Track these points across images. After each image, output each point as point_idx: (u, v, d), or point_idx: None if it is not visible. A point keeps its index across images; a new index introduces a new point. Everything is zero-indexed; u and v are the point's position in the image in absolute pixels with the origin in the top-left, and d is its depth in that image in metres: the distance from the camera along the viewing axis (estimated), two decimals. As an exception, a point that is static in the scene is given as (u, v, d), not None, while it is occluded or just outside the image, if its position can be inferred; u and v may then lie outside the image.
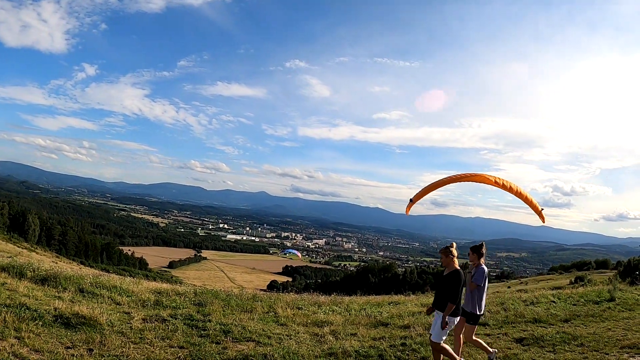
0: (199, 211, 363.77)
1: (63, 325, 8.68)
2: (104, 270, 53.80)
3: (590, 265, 79.37)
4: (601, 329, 11.35)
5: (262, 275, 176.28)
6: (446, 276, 7.99)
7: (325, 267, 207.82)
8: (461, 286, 7.80)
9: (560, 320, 12.63)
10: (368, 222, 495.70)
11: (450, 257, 8.00)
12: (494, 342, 10.23)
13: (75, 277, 12.68)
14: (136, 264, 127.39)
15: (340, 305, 14.38)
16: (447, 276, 7.97)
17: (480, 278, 8.42)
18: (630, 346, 9.59)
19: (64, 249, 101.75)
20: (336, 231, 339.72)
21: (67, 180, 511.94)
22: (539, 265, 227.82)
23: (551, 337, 10.42)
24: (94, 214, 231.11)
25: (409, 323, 11.88)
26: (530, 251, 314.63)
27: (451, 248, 8.08)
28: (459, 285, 7.74)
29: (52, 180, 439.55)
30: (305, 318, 11.95)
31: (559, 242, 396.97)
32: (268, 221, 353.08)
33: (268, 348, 8.86)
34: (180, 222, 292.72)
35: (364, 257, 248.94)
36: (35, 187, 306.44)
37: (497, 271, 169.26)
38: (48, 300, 10.06)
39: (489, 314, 13.19)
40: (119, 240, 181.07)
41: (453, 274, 7.88)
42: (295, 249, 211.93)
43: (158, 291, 13.19)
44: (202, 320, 10.11)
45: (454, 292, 7.68)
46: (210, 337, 9.22)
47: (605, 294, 16.54)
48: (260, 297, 14.41)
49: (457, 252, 8.07)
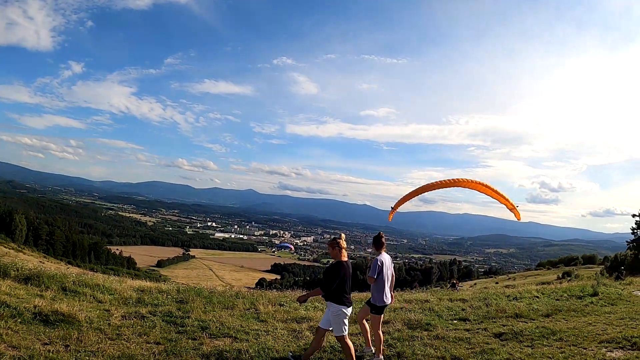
0: (187, 209, 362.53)
1: (42, 323, 8.77)
2: (91, 269, 53.47)
3: (577, 261, 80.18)
4: (582, 324, 11.47)
5: (250, 273, 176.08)
6: (327, 266, 8.28)
7: (313, 264, 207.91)
8: (340, 277, 7.92)
9: (542, 315, 12.71)
10: (356, 219, 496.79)
11: (336, 249, 8.14)
12: (473, 337, 10.27)
13: (58, 276, 12.68)
14: (124, 264, 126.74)
15: (322, 302, 14.45)
16: (328, 266, 8.28)
17: (373, 271, 8.61)
18: (609, 340, 9.67)
19: (52, 249, 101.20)
20: (324, 228, 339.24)
21: (54, 179, 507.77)
22: (527, 261, 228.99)
23: (530, 332, 10.50)
24: (82, 213, 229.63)
25: (389, 318, 11.82)
26: (518, 247, 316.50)
27: (339, 240, 8.19)
28: (334, 276, 7.91)
29: (39, 180, 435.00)
30: (286, 314, 11.94)
31: (547, 238, 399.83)
32: (256, 219, 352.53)
33: (244, 344, 8.93)
34: (168, 221, 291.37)
35: (352, 254, 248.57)
36: (22, 186, 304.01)
37: (485, 267, 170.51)
38: (29, 298, 10.11)
39: (470, 310, 13.28)
40: (106, 240, 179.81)
41: (333, 264, 8.11)
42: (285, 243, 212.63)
43: (141, 289, 13.22)
44: (182, 317, 10.21)
45: (327, 281, 7.89)
46: (187, 334, 9.31)
47: (588, 288, 16.71)
48: (243, 294, 14.47)
49: (345, 244, 8.22)
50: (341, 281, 7.94)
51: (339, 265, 8.02)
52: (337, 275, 7.93)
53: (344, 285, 7.98)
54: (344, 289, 8.00)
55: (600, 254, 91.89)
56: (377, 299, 8.69)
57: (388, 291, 8.85)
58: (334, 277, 7.92)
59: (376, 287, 8.68)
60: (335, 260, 8.12)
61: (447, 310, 13.27)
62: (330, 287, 7.90)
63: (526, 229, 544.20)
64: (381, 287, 8.67)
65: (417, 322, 11.42)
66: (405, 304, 14.36)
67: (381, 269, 8.71)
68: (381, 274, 8.69)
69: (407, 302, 14.69)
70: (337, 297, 7.93)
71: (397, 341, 9.69)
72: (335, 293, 7.94)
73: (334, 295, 7.94)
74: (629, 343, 9.42)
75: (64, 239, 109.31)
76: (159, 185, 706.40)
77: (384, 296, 8.74)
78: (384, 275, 8.72)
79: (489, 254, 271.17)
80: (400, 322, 11.51)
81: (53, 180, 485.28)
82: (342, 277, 7.95)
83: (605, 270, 43.89)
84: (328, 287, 7.89)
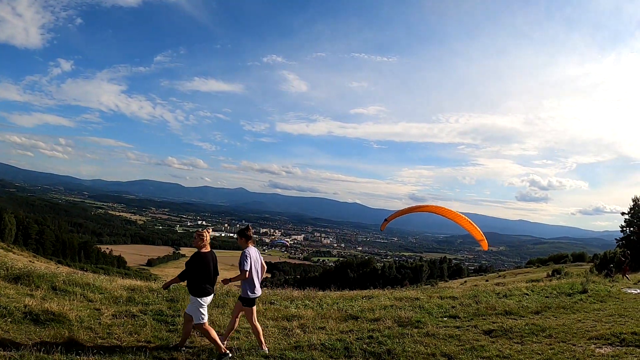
0: (177, 208, 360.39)
1: (32, 322, 8.78)
2: (82, 269, 53.25)
3: (567, 259, 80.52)
4: (571, 321, 11.60)
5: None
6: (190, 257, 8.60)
7: (304, 262, 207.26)
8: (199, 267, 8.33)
9: (531, 312, 12.85)
10: (346, 217, 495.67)
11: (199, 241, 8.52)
12: (463, 334, 10.35)
13: (48, 275, 12.70)
14: (114, 263, 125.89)
15: (313, 300, 14.36)
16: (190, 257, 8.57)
17: (245, 264, 8.71)
18: (598, 337, 9.82)
19: (41, 248, 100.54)
20: (315, 227, 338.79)
21: (44, 178, 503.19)
22: (517, 259, 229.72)
23: (520, 329, 10.60)
24: (71, 212, 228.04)
25: (380, 316, 11.94)
26: (509, 245, 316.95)
27: (204, 232, 8.62)
28: (192, 266, 8.34)
29: (28, 179, 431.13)
30: (276, 312, 12.03)
31: (537, 236, 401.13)
32: (246, 217, 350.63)
33: (235, 342, 9.02)
34: (159, 220, 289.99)
35: (342, 252, 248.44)
36: (10, 185, 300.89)
37: (475, 265, 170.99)
38: (19, 298, 10.10)
39: (461, 307, 13.39)
40: (96, 239, 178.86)
41: (193, 255, 8.51)
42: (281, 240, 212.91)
43: (132, 288, 13.20)
44: (172, 316, 10.23)
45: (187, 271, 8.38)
46: (178, 332, 9.31)
47: (578, 286, 16.88)
48: (234, 292, 14.48)
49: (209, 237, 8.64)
50: (201, 271, 8.35)
51: (197, 255, 8.41)
52: (196, 266, 8.33)
53: (204, 274, 8.39)
54: (205, 279, 8.39)
55: (590, 252, 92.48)
56: (248, 292, 8.80)
57: (258, 283, 9.00)
58: (192, 267, 8.35)
59: (246, 280, 8.78)
60: (196, 251, 8.50)
61: (438, 307, 13.37)
62: (189, 276, 8.38)
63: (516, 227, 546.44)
64: (251, 280, 8.79)
65: (407, 319, 11.49)
66: (396, 301, 14.44)
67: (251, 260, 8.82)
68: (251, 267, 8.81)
69: (397, 299, 14.78)
70: (196, 286, 8.32)
71: (388, 338, 9.72)
72: (195, 282, 8.34)
73: (193, 285, 8.33)
74: (617, 339, 9.53)
75: (53, 238, 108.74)
76: (148, 183, 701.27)
77: (255, 288, 8.88)
78: (254, 268, 8.88)
79: (479, 252, 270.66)
80: (390, 319, 11.56)
81: (42, 179, 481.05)
82: (202, 267, 8.36)
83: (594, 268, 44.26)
84: (187, 277, 8.38)
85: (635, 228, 47.87)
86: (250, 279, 8.78)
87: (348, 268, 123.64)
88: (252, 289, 8.82)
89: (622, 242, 49.01)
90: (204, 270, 8.38)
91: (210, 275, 8.49)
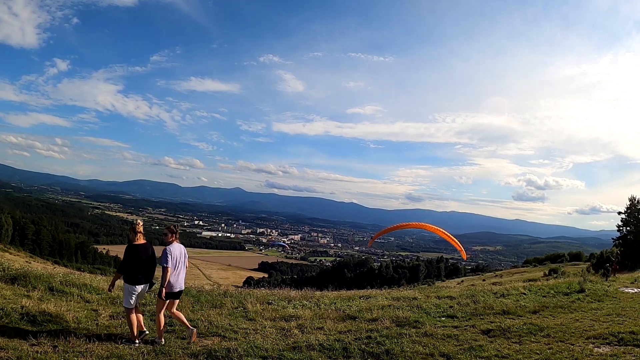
0: (174, 208, 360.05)
1: (29, 323, 8.79)
2: (78, 269, 53.21)
3: (564, 258, 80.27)
4: (569, 320, 11.58)
5: (238, 271, 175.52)
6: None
7: (301, 262, 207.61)
8: (130, 258, 8.99)
9: (529, 311, 12.82)
10: (343, 217, 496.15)
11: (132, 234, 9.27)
12: (461, 334, 10.31)
13: (45, 276, 12.68)
14: (111, 263, 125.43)
15: (311, 300, 14.32)
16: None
17: (166, 260, 9.08)
18: (596, 336, 9.79)
19: (38, 248, 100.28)
20: (312, 226, 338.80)
21: (40, 178, 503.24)
22: (513, 259, 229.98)
23: (518, 329, 10.58)
24: (68, 212, 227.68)
25: (377, 316, 11.89)
26: (505, 244, 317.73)
27: (136, 226, 9.32)
28: (127, 257, 9.03)
29: (24, 179, 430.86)
30: (274, 313, 11.99)
31: (533, 236, 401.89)
32: (243, 217, 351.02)
33: (233, 342, 8.96)
34: (155, 220, 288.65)
35: (339, 252, 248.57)
36: (7, 185, 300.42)
37: (472, 265, 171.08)
38: (16, 298, 10.09)
39: (458, 307, 13.38)
40: (93, 239, 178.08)
41: (126, 247, 9.21)
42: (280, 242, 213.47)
43: (129, 289, 13.22)
44: (169, 316, 10.22)
45: (122, 262, 9.06)
46: (176, 333, 9.39)
47: (575, 285, 16.86)
48: (231, 292, 14.46)
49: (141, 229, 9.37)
50: (132, 262, 8.97)
51: (130, 247, 9.10)
52: (128, 257, 9.00)
53: (137, 265, 8.99)
54: (137, 269, 8.99)
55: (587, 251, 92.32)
56: (168, 286, 9.10)
57: (179, 278, 9.33)
58: (127, 258, 9.02)
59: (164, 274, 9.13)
60: (129, 244, 9.20)
61: (435, 307, 13.35)
62: (123, 267, 9.04)
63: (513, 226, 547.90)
64: (170, 274, 9.10)
65: (405, 319, 11.47)
66: (393, 301, 14.42)
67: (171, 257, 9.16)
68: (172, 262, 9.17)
69: (395, 299, 14.76)
70: (128, 275, 8.95)
71: (386, 339, 9.68)
72: (128, 272, 8.98)
73: (126, 274, 8.98)
74: (615, 339, 9.53)
75: (50, 238, 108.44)
76: (145, 183, 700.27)
77: (175, 282, 9.23)
78: (176, 263, 9.23)
79: (476, 252, 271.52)
80: (388, 319, 11.53)
81: (39, 179, 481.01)
82: (133, 258, 8.99)
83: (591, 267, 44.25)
84: (122, 268, 9.06)
85: (632, 227, 47.90)
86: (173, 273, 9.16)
87: (345, 268, 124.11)
88: (172, 283, 9.16)
89: (618, 241, 49.02)
90: (135, 261, 8.97)
91: (141, 265, 9.04)
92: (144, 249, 9.13)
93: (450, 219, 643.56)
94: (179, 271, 9.29)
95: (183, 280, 9.46)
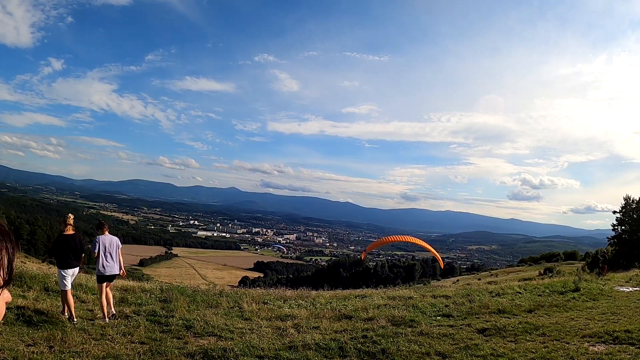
0: (169, 208, 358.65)
1: (25, 324, 8.78)
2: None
3: (559, 257, 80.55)
4: (564, 319, 11.62)
5: (233, 271, 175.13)
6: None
7: (296, 262, 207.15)
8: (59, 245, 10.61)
9: (524, 310, 12.87)
10: (339, 216, 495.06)
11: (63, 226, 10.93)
12: (456, 333, 10.35)
13: (40, 276, 12.72)
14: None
15: (306, 300, 14.35)
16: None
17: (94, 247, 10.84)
18: (592, 335, 9.82)
19: (33, 248, 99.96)
20: (307, 226, 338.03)
21: (35, 178, 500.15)
22: (509, 258, 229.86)
23: (513, 327, 10.61)
24: (63, 212, 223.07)
25: (373, 315, 11.92)
26: (500, 244, 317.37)
27: (66, 219, 10.95)
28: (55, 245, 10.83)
29: (19, 178, 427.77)
30: (270, 312, 12.00)
31: (529, 235, 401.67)
32: (239, 217, 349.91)
33: (229, 342, 8.97)
34: (151, 219, 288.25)
35: (335, 251, 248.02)
36: (2, 185, 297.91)
37: (467, 264, 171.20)
38: (12, 299, 10.06)
39: (454, 306, 13.43)
40: (88, 239, 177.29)
41: (56, 237, 11.12)
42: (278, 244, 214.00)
43: (124, 288, 13.25)
44: (166, 316, 10.22)
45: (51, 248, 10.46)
46: (172, 333, 9.34)
47: (570, 284, 16.92)
48: (227, 292, 14.46)
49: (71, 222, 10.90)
50: (61, 248, 10.47)
51: (59, 237, 10.81)
52: (57, 244, 10.68)
53: (66, 252, 10.44)
54: (67, 255, 10.43)
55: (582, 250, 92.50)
56: (97, 270, 10.65)
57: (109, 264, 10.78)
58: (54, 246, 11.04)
59: (97, 260, 10.71)
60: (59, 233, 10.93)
61: (431, 306, 13.38)
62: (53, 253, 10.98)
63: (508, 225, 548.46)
64: (101, 260, 10.66)
65: (401, 318, 11.50)
66: (389, 300, 14.44)
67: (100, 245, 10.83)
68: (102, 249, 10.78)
69: (390, 299, 14.79)
70: (59, 261, 10.42)
71: (382, 338, 9.69)
72: (57, 257, 10.52)
73: (58, 260, 10.49)
74: (610, 337, 9.56)
75: (45, 238, 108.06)
76: (140, 183, 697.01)
77: (107, 266, 10.69)
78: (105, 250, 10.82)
79: (472, 251, 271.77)
80: (384, 319, 11.56)
81: (34, 178, 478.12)
82: (62, 246, 10.54)
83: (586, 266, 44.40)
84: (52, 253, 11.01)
85: (627, 226, 48.08)
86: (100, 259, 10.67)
87: (341, 267, 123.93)
88: (101, 267, 10.61)
89: (613, 240, 49.18)
90: (64, 248, 10.46)
91: (69, 252, 10.47)
92: (72, 239, 10.65)
93: (445, 218, 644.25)
94: (110, 258, 10.82)
95: (115, 266, 10.87)
